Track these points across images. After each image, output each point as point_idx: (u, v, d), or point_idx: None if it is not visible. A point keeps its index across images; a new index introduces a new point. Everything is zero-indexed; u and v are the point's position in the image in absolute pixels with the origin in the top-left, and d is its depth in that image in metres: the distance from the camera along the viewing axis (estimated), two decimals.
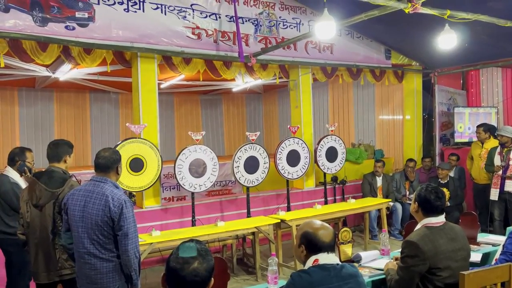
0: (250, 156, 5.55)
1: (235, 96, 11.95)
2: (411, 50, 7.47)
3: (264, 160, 5.67)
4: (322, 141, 6.35)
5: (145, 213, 5.29)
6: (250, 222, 5.04)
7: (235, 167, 5.44)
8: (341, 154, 6.51)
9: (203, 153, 5.20)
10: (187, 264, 1.58)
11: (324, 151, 6.35)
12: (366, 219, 6.17)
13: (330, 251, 2.05)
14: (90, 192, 2.68)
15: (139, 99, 5.29)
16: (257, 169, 5.61)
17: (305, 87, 6.73)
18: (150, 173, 4.88)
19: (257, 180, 5.62)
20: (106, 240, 2.61)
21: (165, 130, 10.80)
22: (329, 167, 6.40)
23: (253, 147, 5.58)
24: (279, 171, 5.91)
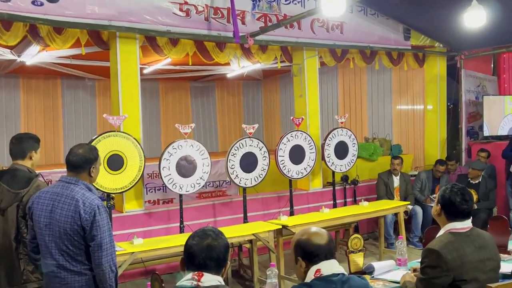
0: (247, 152, 5.54)
1: (230, 83, 11.92)
2: (433, 30, 7.44)
3: (264, 157, 5.66)
4: (331, 135, 6.34)
5: (125, 218, 5.28)
6: (247, 229, 5.04)
7: (230, 165, 5.43)
8: (353, 150, 6.50)
9: (193, 149, 5.18)
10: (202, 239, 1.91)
11: (332, 146, 6.34)
12: (381, 224, 6.17)
13: (329, 256, 2.05)
14: (58, 195, 2.64)
15: (118, 87, 5.27)
16: (255, 167, 5.60)
17: (311, 73, 6.71)
18: (131, 172, 4.87)
19: (255, 180, 5.61)
20: (76, 251, 2.59)
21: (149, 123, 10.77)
22: (339, 165, 6.39)
23: (251, 142, 5.57)
24: (280, 170, 5.90)
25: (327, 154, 6.30)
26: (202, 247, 1.89)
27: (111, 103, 5.67)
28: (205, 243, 1.90)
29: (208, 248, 1.89)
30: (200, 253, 1.88)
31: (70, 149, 2.77)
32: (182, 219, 5.15)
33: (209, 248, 1.89)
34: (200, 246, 1.89)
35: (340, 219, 5.58)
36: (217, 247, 1.90)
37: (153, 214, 5.50)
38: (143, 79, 6.28)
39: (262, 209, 6.27)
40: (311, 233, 2.09)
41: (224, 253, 1.92)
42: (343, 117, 6.50)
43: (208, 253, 1.88)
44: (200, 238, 1.92)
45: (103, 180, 4.68)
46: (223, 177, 7.09)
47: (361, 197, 6.51)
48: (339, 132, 6.41)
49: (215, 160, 6.96)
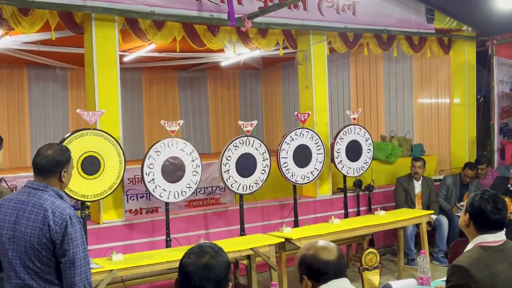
0: (244, 153, 5.54)
1: (225, 73, 11.93)
2: (461, 10, 7.44)
3: (263, 159, 5.66)
4: (342, 133, 6.34)
5: (102, 231, 5.28)
6: (245, 242, 5.04)
7: (225, 169, 5.43)
8: (367, 151, 6.50)
9: (181, 149, 5.18)
10: (199, 257, 1.90)
11: (343, 146, 6.34)
12: (400, 237, 6.17)
13: (339, 274, 2.04)
14: (23, 203, 2.63)
15: (94, 77, 5.26)
16: (253, 171, 5.60)
17: (319, 61, 6.71)
18: (109, 176, 4.87)
19: (254, 186, 5.61)
20: (45, 268, 2.58)
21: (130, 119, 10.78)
22: (351, 168, 6.39)
23: (249, 141, 5.57)
24: (283, 174, 5.90)
25: (337, 155, 6.30)
26: (199, 266, 1.88)
27: (85, 96, 5.66)
28: (202, 261, 1.89)
29: (205, 267, 1.88)
30: (196, 273, 1.87)
31: (38, 150, 2.77)
32: (169, 232, 5.14)
33: (207, 267, 1.88)
34: (197, 265, 1.89)
35: (353, 231, 5.58)
36: (216, 266, 1.90)
37: (135, 225, 5.49)
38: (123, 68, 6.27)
39: (262, 219, 6.27)
40: (318, 247, 2.09)
41: (225, 273, 1.91)
42: (356, 112, 6.50)
43: (206, 273, 1.87)
44: (196, 256, 1.91)
45: (76, 186, 4.68)
46: (217, 183, 7.09)
47: (377, 206, 6.50)
48: (351, 130, 6.41)
49: (207, 162, 6.95)
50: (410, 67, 8.77)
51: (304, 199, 6.60)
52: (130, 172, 6.38)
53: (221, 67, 10.74)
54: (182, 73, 11.59)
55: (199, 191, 7.02)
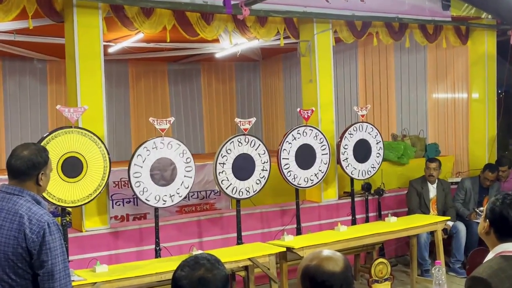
0: (242, 154, 5.53)
1: (220, 65, 11.92)
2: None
3: (263, 160, 5.66)
4: (349, 132, 6.35)
5: (85, 239, 5.28)
6: (242, 252, 5.04)
7: (220, 171, 5.43)
8: (377, 151, 6.51)
9: (172, 149, 5.18)
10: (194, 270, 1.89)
11: (351, 146, 6.34)
12: (413, 246, 6.18)
13: (345, 287, 2.04)
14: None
15: (75, 70, 5.26)
16: (251, 173, 5.60)
17: (324, 52, 6.71)
18: (92, 179, 4.86)
19: (252, 190, 5.61)
20: (21, 281, 2.58)
21: (115, 116, 10.77)
22: (359, 170, 6.40)
23: (247, 140, 5.57)
24: (284, 177, 5.90)
25: (344, 156, 6.30)
26: (193, 281, 1.88)
27: (66, 91, 5.65)
28: (197, 275, 1.89)
29: (200, 281, 1.88)
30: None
31: (13, 150, 2.76)
32: (158, 240, 5.14)
33: (201, 281, 1.88)
34: (191, 279, 1.89)
35: (361, 240, 5.58)
36: (211, 281, 1.89)
37: (121, 233, 5.49)
38: (108, 60, 6.26)
39: (261, 226, 6.27)
40: (322, 257, 2.09)
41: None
42: (365, 108, 6.50)
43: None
44: (190, 269, 1.91)
45: (56, 190, 4.67)
46: (211, 186, 7.08)
47: (388, 211, 6.51)
48: (359, 128, 6.41)
49: (200, 164, 6.95)
50: (424, 59, 8.77)
51: (308, 204, 6.60)
52: (115, 174, 6.37)
53: (216, 59, 10.73)
54: (172, 65, 11.59)
55: (192, 195, 7.01)
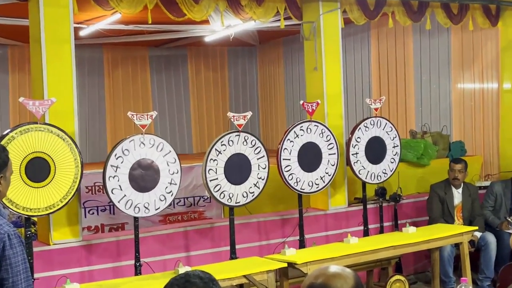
0: (235, 154, 5.53)
1: (210, 50, 11.90)
2: None
3: (260, 162, 5.66)
4: (360, 128, 6.35)
5: (53, 254, 5.26)
6: (236, 268, 5.03)
7: (210, 174, 5.42)
8: (393, 151, 6.51)
9: (154, 149, 5.17)
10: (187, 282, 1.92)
11: (363, 145, 6.34)
12: (435, 261, 6.18)
13: None
14: None
15: (41, 56, 5.24)
16: (247, 176, 5.59)
17: (331, 35, 6.70)
18: (61, 184, 4.85)
19: (247, 196, 5.61)
20: None
21: (88, 110, 10.76)
22: (372, 173, 6.40)
23: (241, 138, 5.56)
24: (285, 180, 5.90)
25: (354, 156, 6.30)
26: None
27: (31, 81, 5.62)
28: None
29: None
30: None
31: None
32: (138, 255, 5.13)
33: None
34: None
35: (374, 253, 5.57)
36: None
37: (95, 247, 5.48)
38: (80, 45, 6.25)
39: (258, 238, 6.26)
40: (330, 274, 2.09)
41: None
42: (379, 101, 6.49)
43: None
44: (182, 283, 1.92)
45: (18, 196, 4.65)
46: (200, 191, 7.08)
47: (406, 220, 6.51)
48: (372, 124, 6.41)
49: (188, 166, 6.93)
50: (448, 43, 8.77)
51: (312, 213, 6.60)
52: (88, 178, 6.35)
53: (205, 44, 10.72)
54: (155, 51, 11.57)
55: (178, 202, 7.01)
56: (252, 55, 12.52)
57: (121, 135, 9.59)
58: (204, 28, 8.48)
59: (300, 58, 8.45)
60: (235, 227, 5.58)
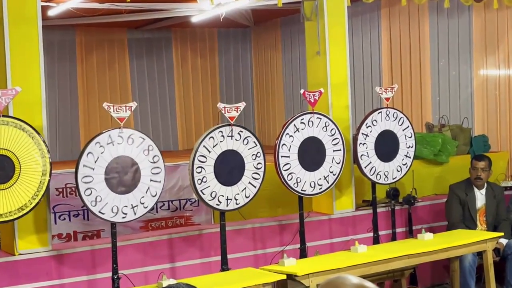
0: (226, 151, 5.52)
1: (198, 32, 11.87)
2: None
3: (255, 159, 5.66)
4: (369, 121, 6.35)
5: (19, 265, 5.26)
6: (228, 280, 5.04)
7: (198, 174, 5.42)
8: (406, 147, 6.52)
9: (133, 145, 5.16)
10: None
11: (372, 140, 6.35)
12: (454, 271, 6.19)
13: None
14: None
15: (4, 40, 5.22)
16: (240, 176, 5.59)
17: (335, 15, 6.69)
18: (27, 185, 4.84)
19: (240, 199, 5.61)
20: None
21: (58, 101, 10.72)
22: (383, 172, 6.41)
23: (234, 133, 5.56)
24: (284, 181, 5.90)
25: (362, 153, 6.31)
26: None
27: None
28: None
29: None
30: None
31: None
32: (116, 266, 5.12)
33: None
34: None
35: (386, 263, 5.58)
36: None
37: (67, 257, 5.47)
38: (48, 26, 6.23)
39: (253, 247, 6.27)
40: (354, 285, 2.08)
41: None
42: (390, 90, 6.49)
43: None
44: None
45: None
46: (187, 194, 7.07)
47: (421, 226, 6.51)
48: (383, 116, 6.42)
49: (172, 164, 6.92)
50: (469, 24, 8.77)
51: (315, 217, 6.60)
52: (59, 179, 6.35)
53: (192, 25, 10.70)
54: (134, 33, 11.55)
55: (161, 206, 7.01)
56: (246, 38, 12.51)
57: (96, 129, 9.60)
58: (191, 6, 8.46)
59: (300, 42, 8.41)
60: (227, 234, 5.58)
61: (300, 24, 7.01)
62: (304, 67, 7.13)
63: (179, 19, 10.05)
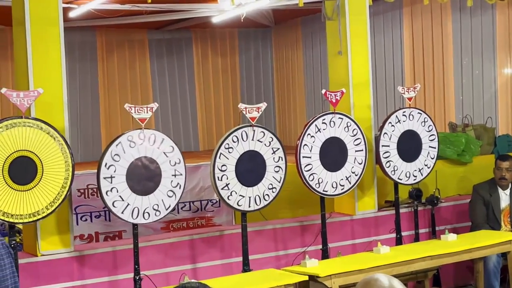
0: (247, 151, 5.53)
1: (219, 33, 11.88)
2: None
3: (276, 160, 5.66)
4: (391, 121, 6.33)
5: (41, 266, 5.29)
6: (250, 282, 5.05)
7: (220, 174, 5.43)
8: (429, 147, 6.49)
9: (154, 146, 5.18)
10: None
11: (394, 140, 6.33)
12: (478, 273, 6.15)
13: None
14: None
15: (26, 41, 5.26)
16: (261, 177, 5.60)
17: (357, 14, 6.68)
18: (49, 186, 4.87)
19: (262, 199, 5.62)
20: None
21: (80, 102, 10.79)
22: (406, 172, 6.39)
23: (254, 133, 5.56)
24: (305, 181, 5.90)
25: (385, 153, 6.29)
26: None
27: (13, 69, 5.65)
28: None
29: None
30: None
31: None
32: (138, 267, 5.14)
33: None
34: None
35: (409, 264, 5.56)
36: None
37: (89, 258, 5.49)
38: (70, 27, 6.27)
39: (275, 248, 6.26)
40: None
41: None
42: (413, 89, 6.47)
43: None
44: None
45: (1, 201, 4.67)
46: (208, 195, 7.09)
47: (445, 226, 6.48)
48: (405, 116, 6.39)
49: (193, 165, 6.93)
50: (492, 22, 8.72)
51: (337, 218, 6.59)
52: (80, 180, 6.37)
53: (213, 25, 10.72)
54: (155, 33, 11.60)
55: (182, 207, 7.02)
56: (267, 38, 12.52)
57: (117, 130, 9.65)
58: (212, 7, 8.48)
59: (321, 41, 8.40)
60: (248, 235, 5.58)
61: (321, 24, 7.00)
62: (325, 66, 7.13)
63: (200, 20, 10.09)
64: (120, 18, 9.29)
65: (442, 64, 9.24)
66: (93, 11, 8.38)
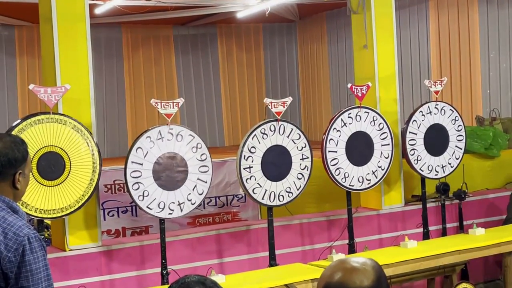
0: (273, 146, 5.54)
1: (243, 28, 11.88)
2: None
3: (302, 154, 5.66)
4: (418, 115, 6.30)
5: (69, 261, 5.34)
6: (276, 276, 5.05)
7: (245, 170, 5.44)
8: (456, 140, 6.45)
9: (181, 142, 5.21)
10: None
11: (421, 134, 6.30)
12: (507, 267, 6.10)
13: None
14: None
15: (53, 38, 5.30)
16: (287, 171, 5.61)
17: (383, 7, 6.65)
18: (77, 182, 4.91)
19: (288, 194, 5.62)
20: None
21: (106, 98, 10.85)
22: (433, 166, 6.36)
23: (280, 128, 5.57)
24: (331, 176, 5.90)
25: (411, 147, 6.27)
26: None
27: (41, 66, 5.70)
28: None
29: None
30: None
31: None
32: (165, 261, 5.18)
33: None
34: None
35: (436, 259, 5.55)
36: None
37: (116, 252, 5.54)
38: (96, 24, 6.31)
39: (301, 242, 6.27)
40: (347, 268, 2.08)
41: None
42: (439, 83, 6.43)
43: None
44: None
45: (30, 196, 4.71)
46: (233, 190, 7.10)
47: (472, 221, 6.44)
48: (432, 110, 6.36)
49: (219, 160, 6.95)
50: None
51: (363, 213, 6.58)
52: (107, 175, 6.41)
53: (237, 20, 10.73)
54: (180, 29, 11.63)
55: (209, 202, 7.04)
56: (291, 33, 12.49)
57: (142, 125, 9.70)
58: (236, 2, 8.49)
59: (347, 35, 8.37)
60: (275, 229, 5.60)
61: (346, 17, 6.98)
62: (350, 60, 7.11)
63: (224, 15, 10.09)
64: (146, 14, 9.34)
65: (469, 57, 9.17)
66: (118, 7, 8.43)
